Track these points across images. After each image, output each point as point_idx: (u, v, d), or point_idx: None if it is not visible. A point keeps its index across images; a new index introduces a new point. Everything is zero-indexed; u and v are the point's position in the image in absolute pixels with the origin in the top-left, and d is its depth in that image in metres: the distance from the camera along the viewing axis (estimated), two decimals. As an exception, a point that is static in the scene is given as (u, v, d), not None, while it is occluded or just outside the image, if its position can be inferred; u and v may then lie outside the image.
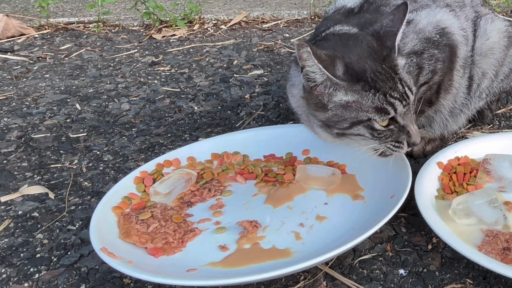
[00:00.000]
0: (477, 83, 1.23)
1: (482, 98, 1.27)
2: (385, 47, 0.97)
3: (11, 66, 2.00)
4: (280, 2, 2.85)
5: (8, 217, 1.08)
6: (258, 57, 2.03)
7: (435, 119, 1.26)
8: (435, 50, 1.10)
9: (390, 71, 0.95)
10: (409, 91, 0.96)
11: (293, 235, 0.93)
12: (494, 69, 1.23)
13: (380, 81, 0.94)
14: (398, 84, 0.95)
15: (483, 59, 1.21)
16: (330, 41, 1.03)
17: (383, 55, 0.96)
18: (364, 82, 0.94)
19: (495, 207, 0.93)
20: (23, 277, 0.91)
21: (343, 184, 1.07)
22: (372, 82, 0.94)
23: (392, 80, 0.95)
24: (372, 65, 0.95)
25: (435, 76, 1.11)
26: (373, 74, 0.94)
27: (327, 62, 0.92)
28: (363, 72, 0.94)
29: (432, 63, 1.10)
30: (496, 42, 1.21)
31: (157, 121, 1.50)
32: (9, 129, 1.47)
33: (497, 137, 1.19)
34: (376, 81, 0.94)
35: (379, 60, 0.95)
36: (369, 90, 0.94)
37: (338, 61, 0.94)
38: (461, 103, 1.23)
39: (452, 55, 1.13)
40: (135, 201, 1.03)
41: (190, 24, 2.47)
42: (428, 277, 0.88)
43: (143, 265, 0.84)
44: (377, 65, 0.95)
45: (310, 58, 0.90)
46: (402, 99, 0.95)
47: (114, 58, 2.07)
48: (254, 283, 0.87)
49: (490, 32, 1.20)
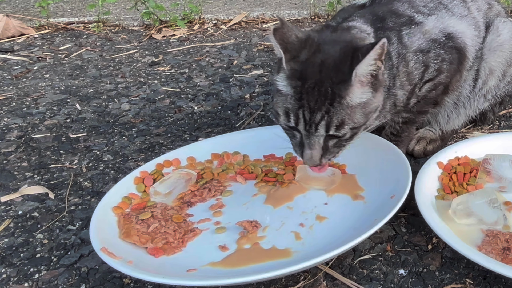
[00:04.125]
0: (483, 80, 1.22)
1: (487, 98, 1.26)
2: (341, 72, 0.91)
3: (11, 66, 2.00)
4: (280, 2, 2.85)
5: (8, 217, 1.08)
6: (258, 57, 2.03)
7: (439, 112, 1.27)
8: (441, 50, 1.10)
9: (327, 97, 0.90)
10: (323, 128, 0.92)
11: (293, 235, 0.93)
12: (502, 68, 1.22)
13: (310, 96, 0.91)
14: (317, 114, 0.91)
15: (492, 55, 1.20)
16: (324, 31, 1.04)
17: (334, 79, 0.91)
18: (300, 86, 0.92)
19: (495, 207, 0.93)
20: (23, 277, 0.91)
21: (343, 184, 1.06)
22: (304, 91, 0.91)
23: (318, 104, 0.91)
24: (318, 76, 0.91)
25: (440, 75, 1.12)
26: (311, 85, 0.91)
27: (288, 45, 0.93)
28: (308, 77, 0.92)
29: (438, 62, 1.10)
30: (507, 40, 1.21)
31: (157, 121, 1.50)
32: (9, 129, 1.47)
33: (497, 137, 1.18)
34: (307, 93, 0.91)
35: (327, 77, 0.91)
36: (295, 94, 0.92)
37: (304, 51, 0.93)
38: (466, 96, 1.23)
39: (460, 57, 1.14)
40: (135, 201, 1.03)
41: (190, 24, 2.47)
42: (428, 277, 0.88)
43: (143, 265, 0.84)
44: (322, 81, 0.91)
45: (271, 36, 0.93)
46: (308, 126, 0.92)
47: (114, 58, 2.07)
48: (254, 283, 0.87)
49: (502, 29, 1.21)
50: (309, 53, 0.94)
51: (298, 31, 0.97)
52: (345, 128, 0.93)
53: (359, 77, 0.91)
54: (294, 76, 0.93)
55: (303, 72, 0.92)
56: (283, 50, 0.93)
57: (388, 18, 1.10)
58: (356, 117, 0.93)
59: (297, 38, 0.95)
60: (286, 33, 0.94)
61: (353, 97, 0.92)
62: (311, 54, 0.94)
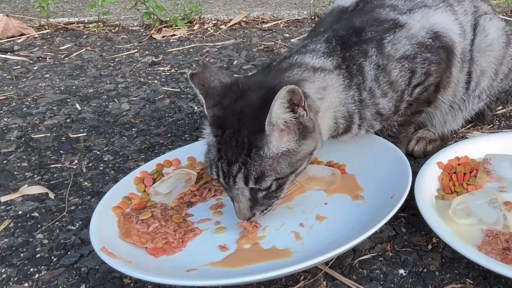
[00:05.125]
0: (476, 81, 1.21)
1: (482, 99, 1.25)
2: (258, 120, 0.85)
3: (11, 66, 2.00)
4: (280, 2, 2.85)
5: (8, 217, 1.08)
6: (258, 57, 2.03)
7: (435, 115, 1.25)
8: (428, 53, 1.08)
9: (243, 148, 0.86)
10: (241, 180, 0.87)
11: (293, 235, 0.93)
12: (493, 67, 1.21)
13: (228, 146, 0.87)
14: (234, 166, 0.87)
15: (482, 56, 1.19)
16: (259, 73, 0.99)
17: (250, 129, 0.86)
18: (220, 135, 0.89)
19: (495, 207, 0.93)
20: (23, 277, 0.91)
21: (343, 184, 1.06)
22: (222, 141, 0.88)
23: (235, 156, 0.87)
24: (236, 125, 0.87)
25: (429, 78, 1.10)
26: (230, 135, 0.87)
27: (210, 90, 0.90)
28: (228, 125, 0.88)
29: (426, 66, 1.08)
30: (495, 39, 1.20)
31: (157, 121, 1.50)
32: (9, 129, 1.47)
33: (497, 137, 1.18)
34: (225, 143, 0.88)
35: (244, 127, 0.87)
36: (216, 144, 0.90)
37: (227, 97, 0.90)
38: (460, 98, 1.22)
39: (448, 54, 1.12)
40: (135, 201, 1.03)
41: (190, 24, 2.47)
42: (428, 277, 0.88)
43: (143, 265, 0.84)
44: (239, 131, 0.87)
45: (190, 81, 0.92)
46: (227, 179, 0.89)
47: (114, 58, 2.07)
48: (254, 283, 0.87)
49: (489, 28, 1.19)
50: (231, 99, 0.90)
51: (224, 76, 0.94)
52: (266, 180, 0.87)
53: (277, 125, 0.86)
54: (215, 123, 0.90)
55: (224, 120, 0.89)
56: (203, 96, 0.91)
57: (367, 28, 1.06)
58: (280, 167, 0.88)
59: (221, 83, 0.93)
60: (208, 77, 0.92)
61: (272, 147, 0.87)
62: (233, 100, 0.90)
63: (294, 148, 0.89)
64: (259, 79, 0.95)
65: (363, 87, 1.03)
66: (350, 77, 1.02)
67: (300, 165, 0.92)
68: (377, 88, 1.04)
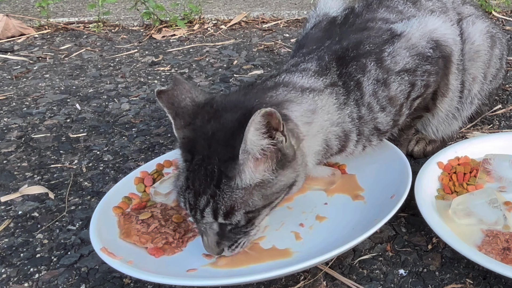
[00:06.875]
0: (468, 89, 1.20)
1: (474, 103, 1.25)
2: (230, 147, 0.76)
3: (11, 66, 2.00)
4: (280, 2, 2.85)
5: (8, 217, 1.08)
6: (258, 57, 2.03)
7: (431, 122, 1.23)
8: (428, 65, 1.04)
9: (213, 178, 0.77)
10: (209, 215, 0.79)
11: (293, 235, 0.93)
12: (482, 72, 1.21)
13: (196, 175, 0.78)
14: (202, 198, 0.78)
15: (472, 64, 1.18)
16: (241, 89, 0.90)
17: (221, 156, 0.77)
18: (190, 161, 0.80)
19: (495, 207, 0.93)
20: (23, 277, 0.91)
21: (343, 184, 1.07)
22: (191, 168, 0.79)
23: (203, 186, 0.78)
24: (206, 151, 0.78)
25: (428, 89, 1.08)
26: (199, 161, 0.78)
27: (179, 110, 0.82)
28: (197, 151, 0.80)
29: (425, 78, 1.04)
30: (481, 45, 1.18)
31: (157, 121, 1.50)
32: (9, 129, 1.47)
33: (497, 137, 1.18)
34: (193, 171, 0.79)
35: (215, 153, 0.77)
36: (185, 171, 0.81)
37: (199, 117, 0.81)
38: (454, 107, 1.21)
39: (446, 63, 1.10)
40: (135, 201, 1.03)
41: (190, 24, 2.47)
42: (428, 277, 0.88)
43: (143, 265, 0.84)
44: (209, 158, 0.78)
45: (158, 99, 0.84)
46: (194, 211, 0.80)
47: (114, 58, 2.07)
48: (254, 283, 0.87)
49: (474, 35, 1.18)
50: (203, 120, 0.81)
51: (198, 93, 0.86)
52: (236, 215, 0.78)
53: (253, 154, 0.76)
54: (185, 147, 0.81)
55: (194, 144, 0.80)
56: (171, 116, 0.83)
57: (364, 40, 1.01)
58: (252, 200, 0.79)
59: (193, 101, 0.84)
60: (178, 95, 0.83)
61: (245, 178, 0.77)
62: (205, 122, 0.80)
63: (270, 179, 0.80)
64: (237, 98, 0.85)
65: (361, 103, 0.98)
66: (346, 93, 0.96)
67: (276, 198, 0.83)
68: (375, 103, 1.00)
